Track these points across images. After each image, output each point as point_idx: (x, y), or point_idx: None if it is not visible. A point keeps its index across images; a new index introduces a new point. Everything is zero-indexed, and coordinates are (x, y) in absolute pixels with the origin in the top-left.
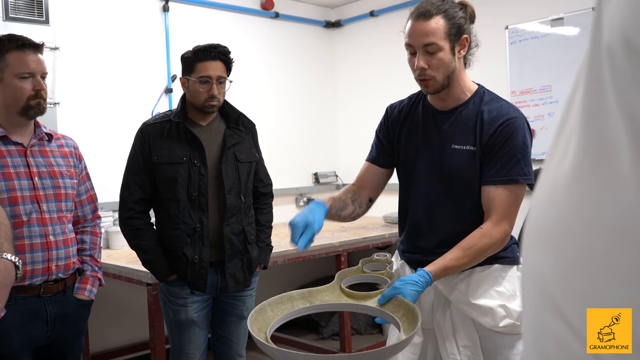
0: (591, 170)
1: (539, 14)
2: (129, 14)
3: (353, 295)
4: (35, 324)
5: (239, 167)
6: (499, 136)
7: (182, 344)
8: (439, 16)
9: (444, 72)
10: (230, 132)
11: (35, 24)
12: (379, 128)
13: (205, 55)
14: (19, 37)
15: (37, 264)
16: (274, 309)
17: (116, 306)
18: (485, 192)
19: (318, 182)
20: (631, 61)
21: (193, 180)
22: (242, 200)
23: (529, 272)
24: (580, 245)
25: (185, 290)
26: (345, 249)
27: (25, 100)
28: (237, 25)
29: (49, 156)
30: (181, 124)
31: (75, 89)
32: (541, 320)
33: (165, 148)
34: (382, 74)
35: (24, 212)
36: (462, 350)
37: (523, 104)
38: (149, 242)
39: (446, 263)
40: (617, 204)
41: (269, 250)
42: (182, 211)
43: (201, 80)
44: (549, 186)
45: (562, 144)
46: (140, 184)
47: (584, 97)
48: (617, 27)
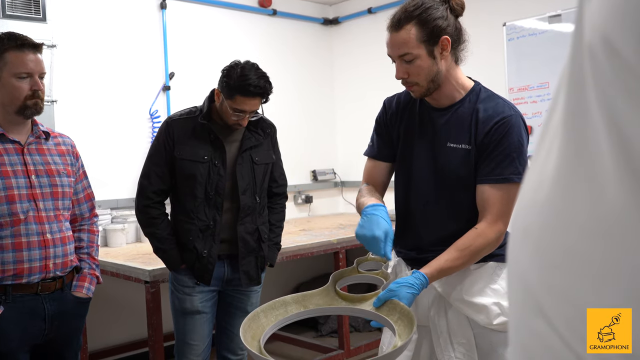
0: (573, 169)
1: (536, 11)
2: (126, 12)
3: (348, 298)
4: (33, 321)
5: (255, 168)
6: (494, 135)
7: (186, 333)
8: (410, 24)
9: (426, 77)
10: (249, 135)
11: (33, 21)
12: (377, 122)
13: (247, 92)
14: (18, 36)
15: (34, 261)
16: (267, 315)
17: (114, 304)
18: (479, 191)
19: (316, 180)
20: (611, 61)
21: (212, 179)
22: (257, 200)
23: (513, 272)
24: (562, 245)
25: (192, 279)
26: (343, 246)
27: (22, 100)
28: (235, 22)
29: (46, 154)
30: (206, 124)
31: (72, 87)
32: (525, 320)
33: (188, 145)
34: (380, 71)
35: (21, 210)
36: (457, 347)
37: (521, 101)
38: (163, 231)
39: (442, 264)
40: (598, 203)
41: (277, 249)
42: (198, 208)
43: (235, 111)
44: (533, 186)
45: (546, 143)
46: (160, 175)
47: (566, 97)
48: (597, 27)
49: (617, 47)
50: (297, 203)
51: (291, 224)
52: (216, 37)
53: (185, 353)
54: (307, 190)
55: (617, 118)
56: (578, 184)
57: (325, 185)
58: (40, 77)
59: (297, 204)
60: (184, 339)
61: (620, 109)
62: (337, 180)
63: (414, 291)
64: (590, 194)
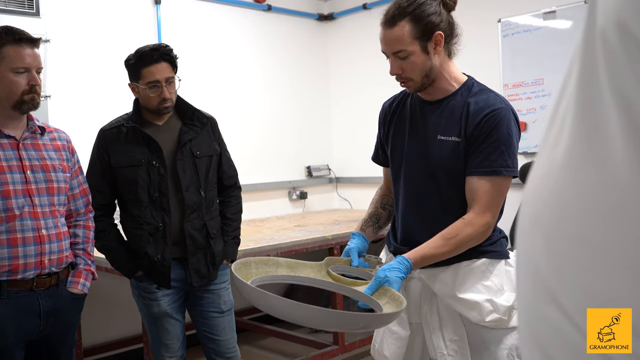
0: (585, 154)
1: (531, 7)
2: (120, 7)
3: (338, 279)
4: (28, 317)
5: (197, 162)
6: (483, 127)
7: (160, 335)
8: (404, 20)
9: (420, 72)
10: (186, 129)
11: (26, 16)
12: (378, 126)
13: (149, 60)
14: (16, 31)
15: (29, 257)
16: (258, 267)
17: (109, 300)
18: (468, 182)
19: (311, 176)
20: (625, 46)
21: (153, 181)
22: (202, 195)
23: (523, 259)
24: (575, 231)
25: (153, 284)
26: (338, 242)
27: (19, 95)
28: (229, 18)
29: (42, 150)
30: (137, 127)
31: (66, 82)
32: (536, 307)
33: (122, 152)
34: (375, 67)
35: (16, 206)
36: (449, 344)
37: (515, 97)
38: (112, 242)
39: (425, 251)
40: (610, 188)
41: (236, 244)
42: (145, 212)
43: (150, 85)
44: (543, 171)
45: (555, 129)
46: (99, 189)
47: (577, 82)
48: (611, 11)
49: (631, 30)
50: (292, 199)
51: (286, 219)
52: (211, 33)
53: (162, 352)
54: (302, 186)
55: (629, 102)
56: (589, 168)
57: (320, 181)
58: (38, 71)
59: (291, 199)
60: (159, 340)
61: (633, 93)
62: (331, 176)
63: (401, 274)
64: (602, 178)
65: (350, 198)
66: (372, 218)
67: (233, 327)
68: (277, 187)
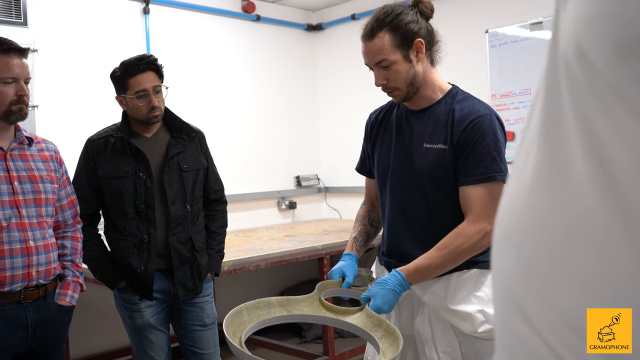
0: (549, 176)
1: (518, 18)
2: (109, 16)
3: (332, 309)
4: (16, 330)
5: (183, 176)
6: (469, 134)
7: (144, 347)
8: (382, 31)
9: (405, 81)
10: (174, 142)
11: (13, 25)
12: (364, 136)
13: (135, 69)
14: (4, 41)
15: (17, 269)
16: (250, 313)
17: (98, 311)
18: (462, 192)
19: (300, 185)
20: (584, 69)
21: (139, 193)
22: (187, 209)
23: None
24: (542, 250)
25: (136, 295)
26: (328, 252)
27: (7, 105)
28: (218, 28)
29: (29, 160)
30: (125, 138)
31: (54, 92)
32: (509, 324)
33: (110, 162)
34: (363, 78)
35: (3, 217)
36: (442, 356)
37: (503, 107)
38: (95, 252)
39: (419, 263)
40: (572, 207)
41: (220, 258)
42: (130, 223)
43: (138, 95)
44: (513, 191)
45: (524, 151)
46: (84, 199)
47: (542, 105)
48: (571, 36)
49: (589, 55)
50: (281, 209)
51: (275, 229)
52: (200, 43)
53: None
54: (291, 196)
55: (590, 125)
56: (554, 190)
57: (309, 191)
58: (26, 82)
59: (280, 209)
60: (144, 352)
61: (593, 116)
62: (320, 186)
63: (389, 287)
64: (566, 199)
65: (340, 208)
66: (363, 236)
67: (216, 341)
68: (266, 197)
